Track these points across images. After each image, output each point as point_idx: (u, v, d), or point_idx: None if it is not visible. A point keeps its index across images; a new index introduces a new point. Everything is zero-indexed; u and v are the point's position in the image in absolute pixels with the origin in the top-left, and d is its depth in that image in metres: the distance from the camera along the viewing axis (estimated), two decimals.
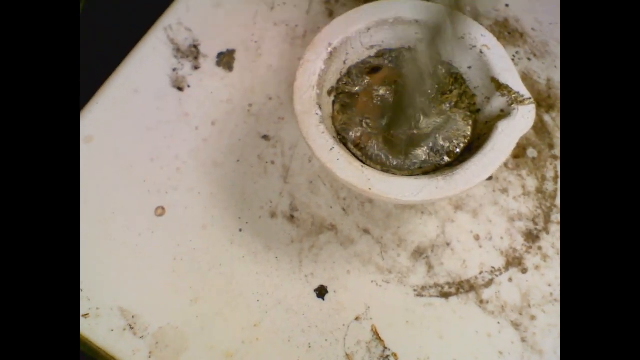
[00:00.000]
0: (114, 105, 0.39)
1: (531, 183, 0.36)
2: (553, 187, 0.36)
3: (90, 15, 0.44)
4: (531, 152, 0.37)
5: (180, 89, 0.40)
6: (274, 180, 0.37)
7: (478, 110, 0.34)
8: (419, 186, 0.30)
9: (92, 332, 0.33)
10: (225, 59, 0.41)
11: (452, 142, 0.34)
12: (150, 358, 0.33)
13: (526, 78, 0.40)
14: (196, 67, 0.40)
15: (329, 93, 0.35)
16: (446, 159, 0.33)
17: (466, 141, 0.34)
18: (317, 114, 0.32)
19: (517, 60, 0.40)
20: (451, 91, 0.35)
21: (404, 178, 0.31)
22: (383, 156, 0.34)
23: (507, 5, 0.42)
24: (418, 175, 0.32)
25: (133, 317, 0.34)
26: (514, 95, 0.32)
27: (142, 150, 0.38)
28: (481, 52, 0.33)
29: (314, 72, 0.33)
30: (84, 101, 0.40)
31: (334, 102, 0.36)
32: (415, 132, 0.34)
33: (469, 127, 0.34)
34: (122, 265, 0.35)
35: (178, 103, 0.39)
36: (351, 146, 0.34)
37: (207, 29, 0.42)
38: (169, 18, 0.42)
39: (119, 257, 0.35)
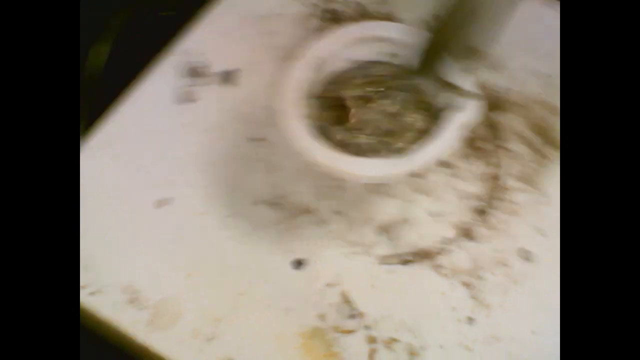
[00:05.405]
0: (135, 113, 0.45)
1: (478, 169, 0.42)
2: (496, 171, 0.42)
3: (121, 39, 0.53)
4: (480, 144, 0.43)
5: (191, 100, 0.46)
6: (261, 173, 0.43)
7: (433, 107, 0.41)
8: (382, 163, 0.36)
9: (99, 306, 0.38)
10: (230, 77, 0.47)
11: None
12: (150, 325, 0.37)
13: (485, 87, 0.46)
14: (205, 84, 0.47)
15: (314, 97, 0.42)
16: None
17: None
18: (299, 110, 0.39)
19: (480, 73, 0.46)
20: None
21: (370, 158, 0.37)
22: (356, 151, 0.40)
23: None
24: None
25: (134, 291, 0.39)
26: (462, 92, 0.39)
27: (153, 150, 0.44)
28: None
29: (301, 78, 0.40)
30: (109, 110, 0.46)
31: (317, 106, 0.42)
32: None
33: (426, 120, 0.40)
34: (127, 247, 0.40)
35: (188, 112, 0.46)
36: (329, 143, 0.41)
37: (216, 53, 0.48)
38: (186, 44, 0.49)
39: (124, 239, 0.40)
